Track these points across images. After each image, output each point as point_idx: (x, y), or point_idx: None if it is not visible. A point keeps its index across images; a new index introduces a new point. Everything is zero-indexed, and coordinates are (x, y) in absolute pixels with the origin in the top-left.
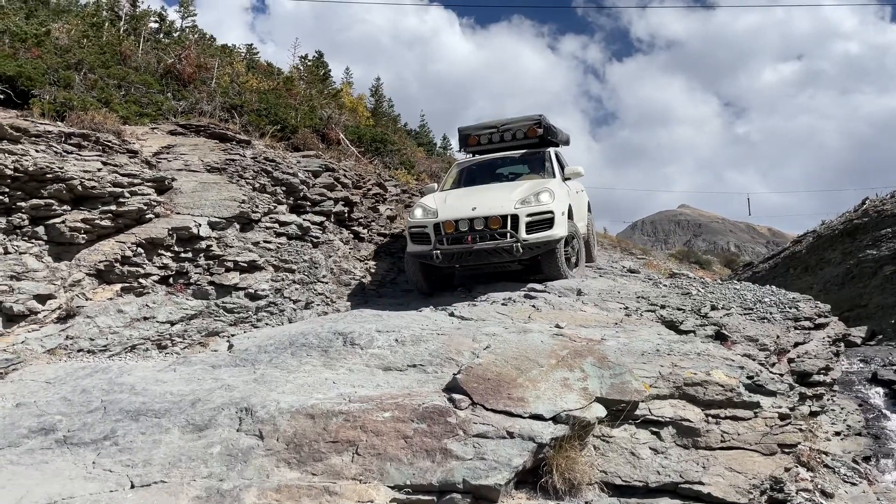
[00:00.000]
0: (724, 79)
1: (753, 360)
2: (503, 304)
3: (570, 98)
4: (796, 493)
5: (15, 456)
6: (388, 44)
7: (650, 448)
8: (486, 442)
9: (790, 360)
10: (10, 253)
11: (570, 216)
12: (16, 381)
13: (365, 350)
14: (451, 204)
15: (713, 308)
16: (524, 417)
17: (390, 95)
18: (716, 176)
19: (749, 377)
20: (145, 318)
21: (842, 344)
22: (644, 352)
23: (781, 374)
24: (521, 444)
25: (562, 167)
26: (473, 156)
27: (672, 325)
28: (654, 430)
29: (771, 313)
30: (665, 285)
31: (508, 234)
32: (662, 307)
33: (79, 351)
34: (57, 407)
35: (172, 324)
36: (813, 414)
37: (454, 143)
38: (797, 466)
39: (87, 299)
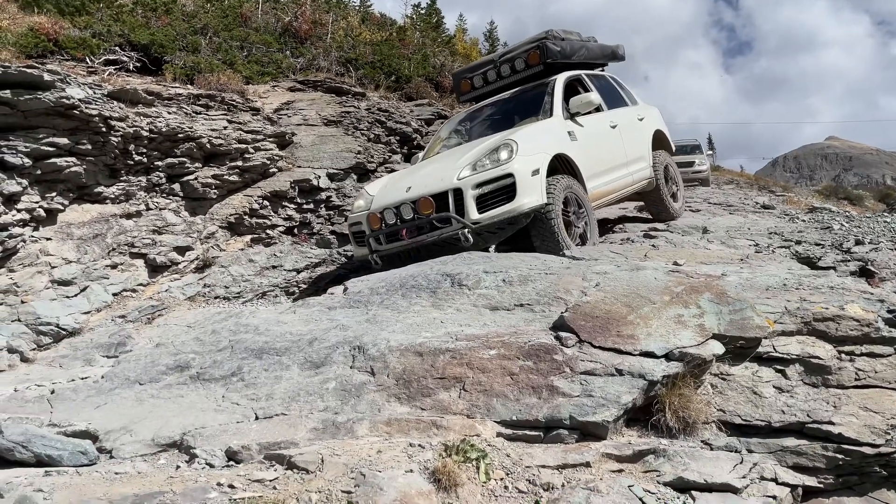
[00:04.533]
0: None
1: None
2: (619, 244)
3: (701, 29)
4: None
5: (155, 390)
6: None
7: (774, 386)
8: (593, 379)
9: None
10: (151, 209)
11: (572, 171)
12: (161, 325)
13: (472, 290)
14: (391, 186)
15: (858, 242)
16: (634, 355)
17: (506, 40)
18: (869, 103)
19: (890, 311)
20: (274, 267)
21: None
22: (769, 287)
23: None
24: (630, 382)
25: (569, 98)
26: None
27: (808, 262)
28: (779, 367)
29: None
30: (803, 220)
31: (453, 220)
32: (798, 243)
33: (215, 298)
34: (191, 346)
35: (299, 271)
36: None
37: None
38: None
39: (220, 250)
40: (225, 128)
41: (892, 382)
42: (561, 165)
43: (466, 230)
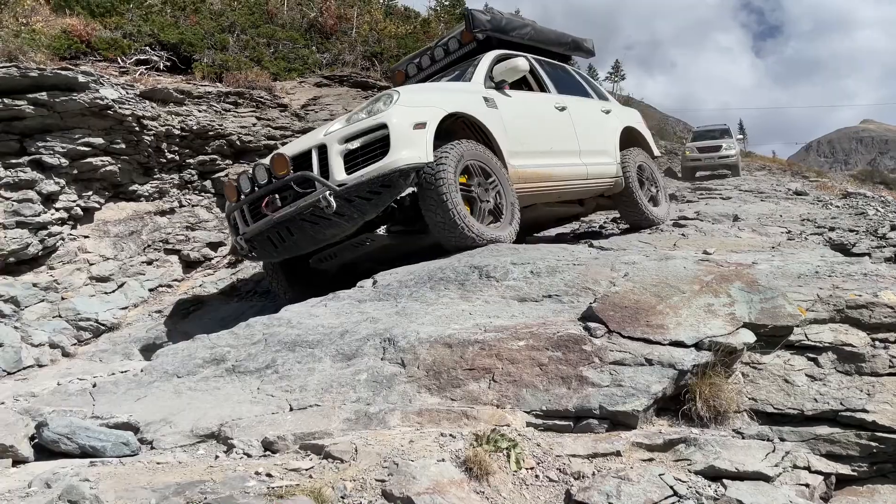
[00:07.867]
0: None
1: None
2: (649, 233)
3: (729, 12)
4: None
5: (193, 383)
6: None
7: (806, 375)
8: (623, 369)
9: None
10: (184, 206)
11: (488, 141)
12: (195, 319)
13: (500, 282)
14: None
15: (893, 228)
16: (664, 345)
17: None
18: None
19: None
20: None
21: None
22: (801, 274)
23: None
24: (660, 372)
25: (492, 69)
26: None
27: (842, 248)
28: (811, 356)
29: None
30: (836, 206)
31: (316, 182)
32: (831, 229)
33: (248, 292)
34: (226, 340)
35: None
36: None
37: (601, 72)
38: None
39: None
40: (254, 124)
41: None
42: (475, 136)
43: (328, 193)
